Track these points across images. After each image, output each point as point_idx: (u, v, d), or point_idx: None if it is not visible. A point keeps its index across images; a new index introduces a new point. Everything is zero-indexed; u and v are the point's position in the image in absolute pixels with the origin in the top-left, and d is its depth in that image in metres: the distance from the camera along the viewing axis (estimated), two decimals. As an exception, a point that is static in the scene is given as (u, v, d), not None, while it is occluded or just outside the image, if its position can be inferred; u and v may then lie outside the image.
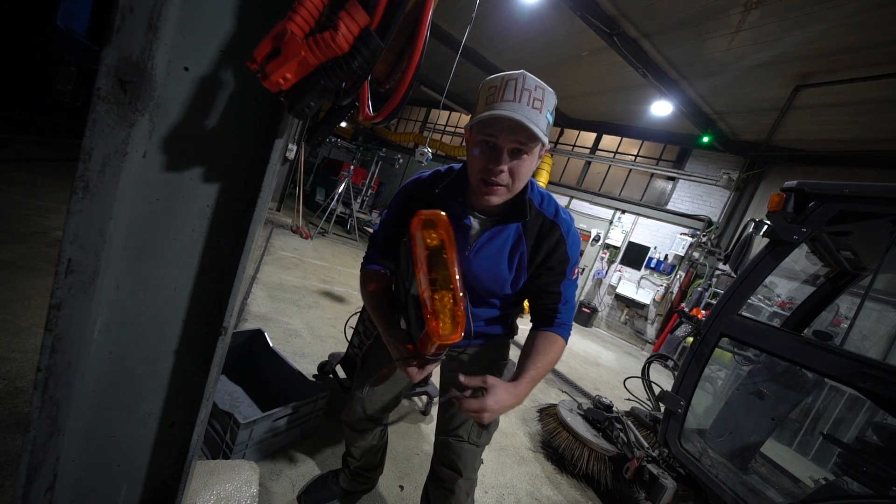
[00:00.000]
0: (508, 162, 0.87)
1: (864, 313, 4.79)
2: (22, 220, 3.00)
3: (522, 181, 0.91)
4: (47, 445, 0.64)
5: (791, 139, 6.38)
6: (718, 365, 4.78)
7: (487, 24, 6.62)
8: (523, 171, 0.89)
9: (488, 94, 0.86)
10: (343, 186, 7.64)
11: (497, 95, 0.84)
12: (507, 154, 0.86)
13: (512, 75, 0.85)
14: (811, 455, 4.18)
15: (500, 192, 0.90)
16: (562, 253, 1.02)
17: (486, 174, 0.88)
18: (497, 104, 0.83)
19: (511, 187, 0.90)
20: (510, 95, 0.83)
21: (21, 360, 1.61)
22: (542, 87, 0.85)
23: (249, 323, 2.71)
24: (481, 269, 1.03)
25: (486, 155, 0.88)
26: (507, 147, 0.85)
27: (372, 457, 1.44)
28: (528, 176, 0.92)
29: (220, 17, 0.60)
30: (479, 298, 1.10)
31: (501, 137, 0.85)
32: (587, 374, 4.60)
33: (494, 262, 1.03)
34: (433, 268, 0.80)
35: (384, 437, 1.45)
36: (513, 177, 0.88)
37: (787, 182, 1.75)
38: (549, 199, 1.05)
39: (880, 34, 3.96)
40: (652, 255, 8.07)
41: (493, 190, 0.89)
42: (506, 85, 0.84)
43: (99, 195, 0.57)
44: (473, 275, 1.04)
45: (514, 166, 0.87)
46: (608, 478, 2.15)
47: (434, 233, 0.81)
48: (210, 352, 0.72)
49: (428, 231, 0.81)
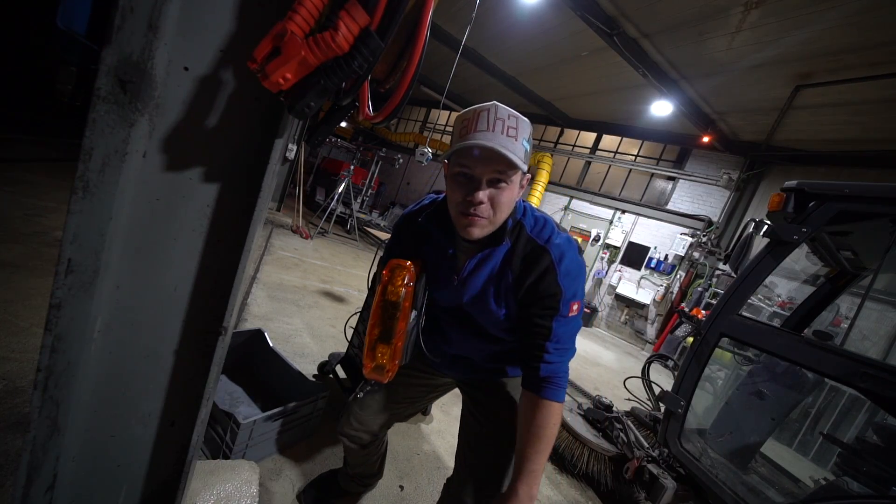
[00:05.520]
0: (487, 192, 0.84)
1: (864, 313, 4.79)
2: (22, 220, 2.99)
3: (504, 211, 0.88)
4: (47, 445, 0.64)
5: (791, 139, 6.38)
6: (718, 365, 4.78)
7: (487, 24, 6.62)
8: (504, 201, 0.85)
9: (462, 128, 0.84)
10: (343, 186, 7.64)
11: (470, 127, 0.82)
12: (485, 184, 0.83)
13: (484, 106, 0.83)
14: (811, 455, 4.18)
15: (482, 224, 0.86)
16: (551, 282, 0.90)
17: (464, 207, 0.85)
18: (471, 135, 0.81)
19: (493, 219, 0.87)
20: (483, 125, 0.81)
21: (21, 360, 1.61)
22: (515, 116, 0.83)
23: (249, 323, 2.71)
24: (470, 299, 1.00)
25: (463, 187, 0.85)
26: (485, 177, 0.83)
27: (370, 466, 1.44)
28: (510, 206, 0.88)
29: (220, 17, 0.60)
30: (481, 329, 1.06)
31: (478, 168, 0.82)
32: (587, 374, 4.60)
33: (482, 293, 0.98)
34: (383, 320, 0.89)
35: (383, 447, 1.44)
36: (493, 207, 0.85)
37: (787, 182, 1.75)
38: (544, 225, 0.97)
39: (880, 34, 3.96)
40: (652, 255, 8.07)
41: (474, 221, 0.85)
42: (478, 116, 0.82)
43: (99, 195, 0.57)
44: (466, 304, 1.01)
45: (494, 196, 0.84)
46: (608, 478, 2.15)
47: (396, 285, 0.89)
48: (210, 352, 0.72)
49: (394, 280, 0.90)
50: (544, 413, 0.90)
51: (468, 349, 1.13)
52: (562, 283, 0.90)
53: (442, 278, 1.03)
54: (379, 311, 0.90)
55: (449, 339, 1.13)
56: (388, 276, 0.90)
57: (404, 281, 0.90)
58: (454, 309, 1.06)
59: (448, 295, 1.04)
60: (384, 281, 0.90)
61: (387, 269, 0.91)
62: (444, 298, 1.06)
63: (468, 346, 1.12)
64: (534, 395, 0.92)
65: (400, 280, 0.90)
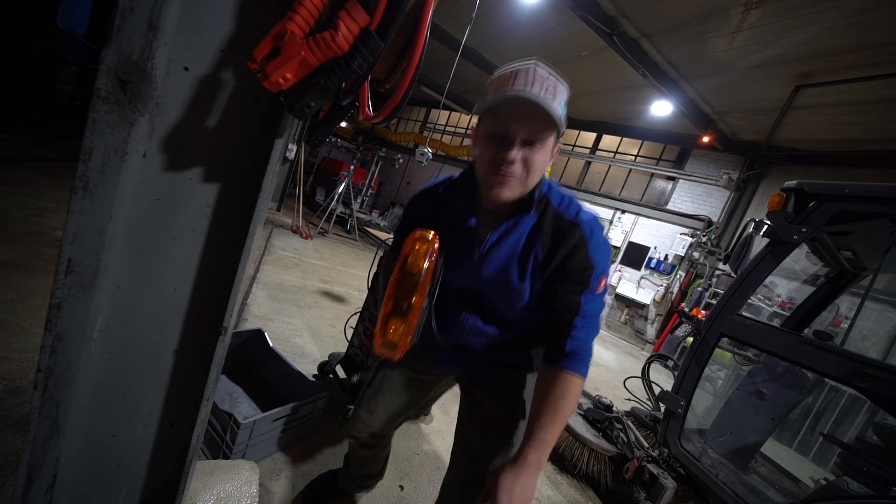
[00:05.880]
0: (520, 152, 0.80)
1: (864, 313, 4.79)
2: (22, 220, 2.99)
3: (536, 174, 0.83)
4: (47, 445, 0.64)
5: (791, 139, 6.39)
6: (718, 365, 4.79)
7: (487, 24, 6.62)
8: (537, 162, 0.81)
9: (497, 86, 0.80)
10: (343, 186, 7.64)
11: (507, 84, 0.78)
12: (519, 143, 0.80)
13: (525, 65, 0.79)
14: (811, 455, 4.18)
15: (512, 185, 0.82)
16: (582, 258, 0.88)
17: (495, 165, 0.81)
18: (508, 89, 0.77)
19: (524, 181, 0.83)
20: (521, 83, 0.77)
21: (21, 360, 1.61)
22: (555, 77, 0.79)
23: (249, 323, 2.71)
24: (490, 275, 0.94)
25: (495, 145, 0.81)
26: (519, 136, 0.79)
27: (374, 466, 1.44)
28: (541, 169, 0.84)
29: (220, 17, 0.60)
30: (492, 314, 1.01)
31: (513, 126, 0.78)
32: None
33: (504, 267, 0.93)
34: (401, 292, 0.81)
35: (387, 449, 1.44)
36: (526, 168, 0.81)
37: (787, 182, 1.75)
38: (570, 201, 0.94)
39: (881, 34, 3.96)
40: (652, 255, 8.07)
41: (505, 180, 0.81)
42: (516, 75, 0.78)
43: (99, 195, 0.57)
44: (483, 283, 0.96)
45: (527, 156, 0.80)
46: (608, 478, 2.15)
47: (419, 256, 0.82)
48: (210, 352, 0.72)
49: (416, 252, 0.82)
50: (565, 385, 0.87)
51: (472, 338, 1.07)
52: (593, 257, 0.89)
53: (459, 254, 0.97)
54: (396, 284, 0.82)
55: (453, 325, 1.07)
56: (411, 247, 0.83)
57: (427, 253, 0.83)
58: (466, 290, 1.01)
59: (463, 273, 0.98)
60: (406, 252, 0.83)
61: (409, 240, 0.84)
62: (458, 278, 1.00)
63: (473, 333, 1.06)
64: (555, 367, 0.89)
65: (423, 251, 0.83)
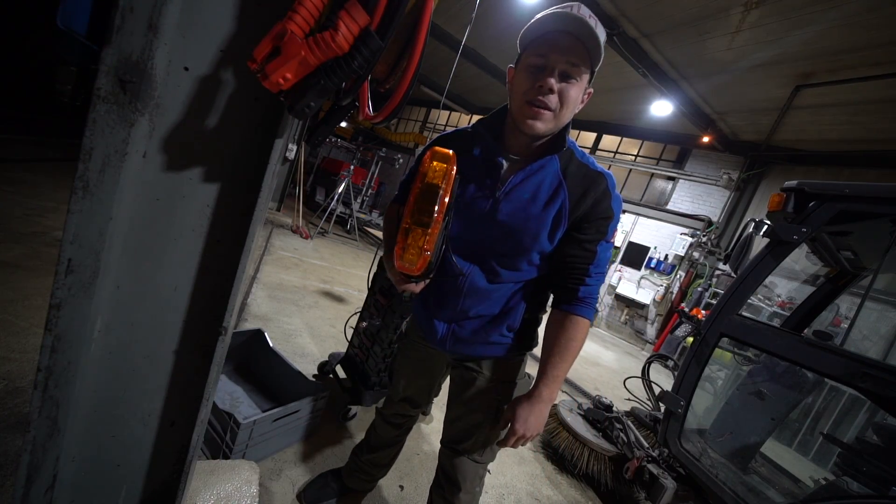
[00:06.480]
0: (558, 84, 0.82)
1: (864, 313, 4.79)
2: (22, 220, 2.99)
3: (570, 110, 0.86)
4: (47, 445, 0.64)
5: (791, 139, 6.38)
6: (718, 365, 4.79)
7: (487, 24, 6.62)
8: (572, 96, 0.83)
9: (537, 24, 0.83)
10: (343, 186, 7.64)
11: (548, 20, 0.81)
12: (557, 75, 0.82)
13: (568, 4, 0.81)
14: (811, 455, 4.18)
15: (546, 118, 0.84)
16: (606, 207, 0.93)
17: (532, 94, 0.83)
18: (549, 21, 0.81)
19: (558, 114, 0.85)
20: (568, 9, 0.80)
21: (21, 360, 1.61)
22: (595, 19, 0.81)
23: (249, 323, 2.71)
24: (509, 215, 0.93)
25: (533, 76, 0.83)
26: (558, 67, 0.81)
27: (385, 454, 1.43)
28: (574, 106, 0.86)
29: (220, 17, 0.60)
30: (495, 269, 0.98)
31: (553, 56, 0.81)
32: (587, 374, 4.60)
33: (524, 207, 0.92)
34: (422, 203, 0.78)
35: (403, 440, 1.45)
36: (561, 101, 0.83)
37: (788, 182, 1.75)
38: (590, 157, 0.98)
39: (880, 34, 3.96)
40: (652, 255, 8.07)
41: (539, 113, 0.84)
42: (556, 14, 0.80)
43: (99, 195, 0.57)
44: (499, 225, 0.94)
45: (563, 89, 0.82)
46: (608, 478, 2.15)
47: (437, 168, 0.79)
48: (210, 352, 0.72)
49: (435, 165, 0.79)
50: (576, 328, 0.94)
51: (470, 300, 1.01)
52: (614, 207, 0.95)
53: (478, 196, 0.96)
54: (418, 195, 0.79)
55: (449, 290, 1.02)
56: (430, 159, 0.80)
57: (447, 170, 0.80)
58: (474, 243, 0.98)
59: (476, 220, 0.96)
60: (426, 164, 0.80)
61: (429, 154, 0.82)
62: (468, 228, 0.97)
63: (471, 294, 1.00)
64: (567, 311, 0.96)
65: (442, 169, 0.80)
